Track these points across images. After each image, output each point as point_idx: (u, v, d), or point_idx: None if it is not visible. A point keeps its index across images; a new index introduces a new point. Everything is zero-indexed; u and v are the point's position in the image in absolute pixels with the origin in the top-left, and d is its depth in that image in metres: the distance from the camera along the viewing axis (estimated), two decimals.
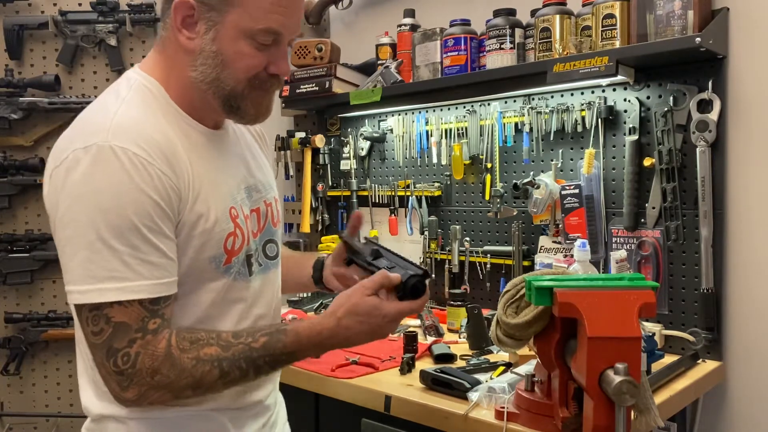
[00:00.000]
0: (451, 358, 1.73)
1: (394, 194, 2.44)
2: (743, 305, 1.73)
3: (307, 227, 2.64)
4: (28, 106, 2.50)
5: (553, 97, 2.03)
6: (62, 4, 2.57)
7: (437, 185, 2.34)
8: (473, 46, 2.09)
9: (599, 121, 1.91)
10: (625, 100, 1.88)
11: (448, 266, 2.26)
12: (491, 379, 1.51)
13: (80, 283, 0.93)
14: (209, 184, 1.04)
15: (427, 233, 2.34)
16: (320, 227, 2.66)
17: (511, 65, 1.97)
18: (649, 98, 1.84)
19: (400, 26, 2.34)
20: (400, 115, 2.43)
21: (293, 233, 2.75)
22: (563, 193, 1.96)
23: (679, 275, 1.81)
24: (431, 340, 1.89)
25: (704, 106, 1.74)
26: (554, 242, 2.02)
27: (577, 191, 1.94)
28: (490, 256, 2.17)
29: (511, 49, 1.97)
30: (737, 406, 1.75)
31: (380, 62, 2.35)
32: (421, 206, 2.37)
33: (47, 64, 2.59)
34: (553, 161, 2.02)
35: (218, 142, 1.12)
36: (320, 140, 2.59)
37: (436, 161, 2.32)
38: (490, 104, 2.18)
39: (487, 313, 1.90)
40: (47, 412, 2.64)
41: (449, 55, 2.10)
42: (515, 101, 2.12)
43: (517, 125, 2.11)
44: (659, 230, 1.82)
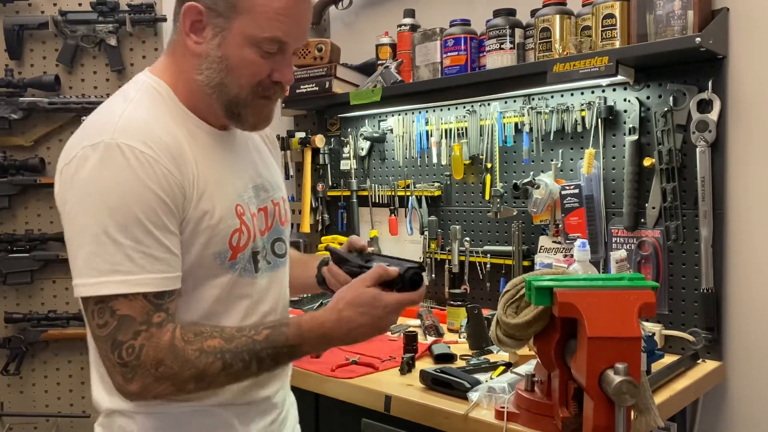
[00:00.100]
0: (451, 358, 1.73)
1: (394, 194, 2.44)
2: (743, 305, 1.73)
3: (307, 227, 2.64)
4: (28, 106, 2.50)
5: (553, 97, 2.03)
6: (62, 4, 2.57)
7: (437, 185, 2.34)
8: (473, 46, 2.09)
9: (599, 121, 1.91)
10: (625, 100, 1.88)
11: (448, 266, 2.26)
12: (491, 379, 1.51)
13: (86, 276, 0.95)
14: (215, 182, 1.06)
15: (427, 233, 2.34)
16: (320, 227, 2.67)
17: (511, 65, 1.97)
18: (649, 98, 1.84)
19: (400, 26, 2.34)
20: (400, 115, 2.43)
21: (293, 233, 2.75)
22: (563, 193, 1.96)
23: (679, 275, 1.81)
24: (431, 340, 1.89)
25: (704, 106, 1.74)
26: (554, 242, 2.02)
27: (577, 191, 1.94)
28: (490, 256, 2.17)
29: (511, 49, 1.97)
30: (737, 406, 1.76)
31: (380, 62, 2.35)
32: (421, 206, 2.37)
33: (47, 64, 2.59)
34: (553, 161, 2.02)
35: (225, 142, 1.13)
36: (320, 140, 2.59)
37: (436, 161, 2.32)
38: (490, 104, 2.18)
39: (487, 313, 1.90)
40: (47, 412, 2.64)
41: (449, 55, 2.10)
42: (515, 101, 2.12)
43: (517, 125, 2.11)
44: (659, 230, 1.82)
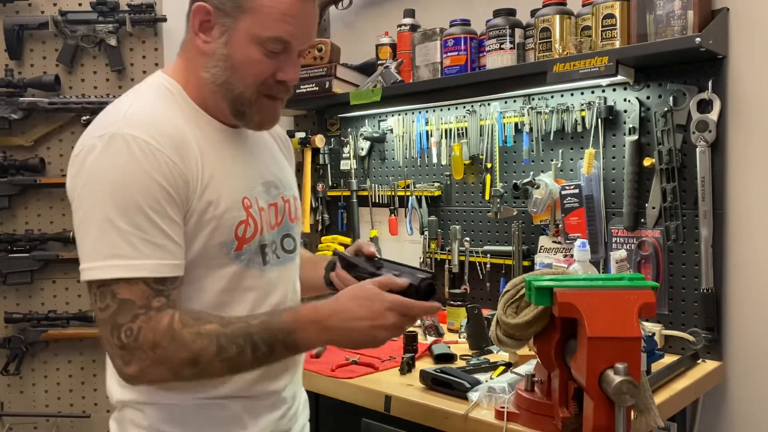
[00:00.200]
0: (451, 358, 1.73)
1: (394, 194, 2.44)
2: (743, 305, 1.73)
3: (307, 227, 2.64)
4: (28, 106, 2.50)
5: (553, 97, 2.03)
6: (62, 4, 2.57)
7: (437, 185, 2.34)
8: (473, 46, 2.09)
9: (599, 121, 1.91)
10: (625, 100, 1.88)
11: (448, 266, 2.26)
12: (491, 379, 1.51)
13: (89, 260, 0.98)
14: (221, 174, 1.08)
15: (427, 233, 2.34)
16: (320, 227, 2.67)
17: (511, 65, 1.97)
18: (649, 98, 1.84)
19: (400, 26, 2.34)
20: (400, 115, 2.43)
21: None
22: (563, 193, 1.96)
23: (679, 275, 1.81)
24: (431, 340, 1.89)
25: (704, 106, 1.74)
26: (554, 242, 2.02)
27: (577, 191, 1.94)
28: (490, 256, 2.17)
29: (511, 49, 1.97)
30: (737, 406, 1.76)
31: (380, 62, 2.35)
32: (421, 206, 2.37)
33: (47, 64, 2.59)
34: (553, 161, 2.02)
35: (235, 139, 1.16)
36: (320, 140, 2.59)
37: (436, 161, 2.32)
38: (490, 104, 2.18)
39: (487, 313, 1.90)
40: (47, 412, 2.64)
41: (449, 55, 2.10)
42: (515, 101, 2.12)
43: (517, 125, 2.11)
44: (659, 230, 1.82)
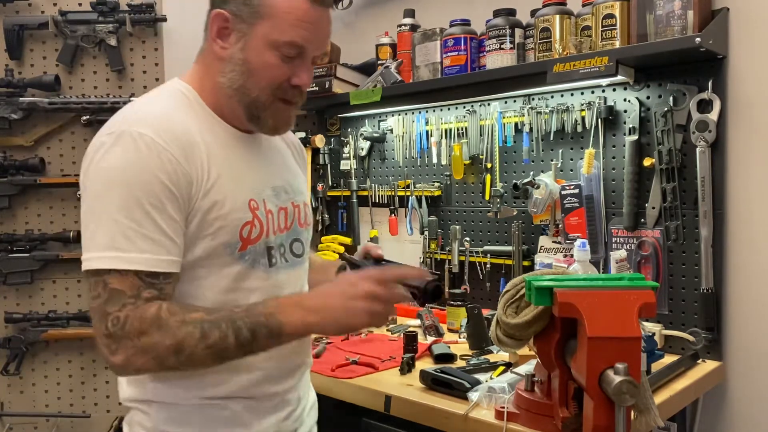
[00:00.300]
0: (451, 358, 1.73)
1: (394, 194, 2.44)
2: (743, 305, 1.73)
3: None
4: (28, 106, 2.50)
5: (553, 97, 2.03)
6: (62, 4, 2.57)
7: (437, 185, 2.34)
8: (473, 46, 2.08)
9: (599, 121, 1.91)
10: (625, 100, 1.88)
11: (448, 266, 2.26)
12: (491, 379, 1.51)
13: (88, 251, 1.01)
14: (229, 176, 1.10)
15: (427, 233, 2.34)
16: (320, 227, 2.67)
17: (511, 65, 1.97)
18: (649, 98, 1.84)
19: (400, 26, 2.34)
20: (400, 115, 2.43)
21: None
22: (563, 193, 1.96)
23: (679, 275, 1.81)
24: (431, 340, 1.89)
25: (704, 106, 1.74)
26: (554, 242, 2.02)
27: (577, 191, 1.94)
28: (490, 256, 2.17)
29: (511, 49, 1.97)
30: (737, 406, 1.76)
31: (380, 62, 2.35)
32: (421, 206, 2.37)
33: (47, 64, 2.59)
34: (553, 161, 2.02)
35: (248, 144, 1.19)
36: (320, 140, 2.59)
37: (436, 161, 2.32)
38: (490, 104, 2.18)
39: (487, 313, 1.90)
40: (47, 412, 2.64)
41: (449, 55, 2.10)
42: (515, 101, 2.12)
43: (517, 125, 2.11)
44: (659, 230, 1.82)
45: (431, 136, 2.33)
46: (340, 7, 1.21)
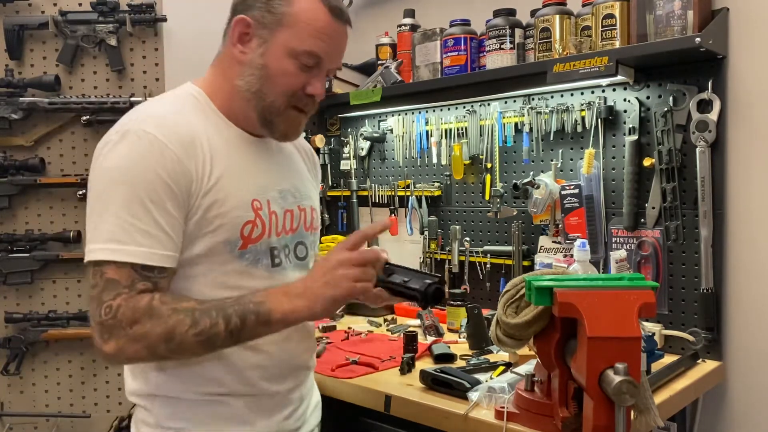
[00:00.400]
0: (451, 358, 1.73)
1: (394, 194, 2.44)
2: (743, 305, 1.73)
3: None
4: (28, 106, 2.50)
5: (553, 97, 2.03)
6: (62, 4, 2.57)
7: (437, 185, 2.34)
8: (473, 46, 2.09)
9: (599, 121, 1.91)
10: (624, 100, 1.88)
11: (448, 266, 2.26)
12: (491, 379, 1.51)
13: (89, 243, 1.05)
14: (232, 175, 1.13)
15: (427, 233, 2.34)
16: (320, 227, 2.66)
17: (511, 65, 1.97)
18: (649, 98, 1.84)
19: (400, 26, 2.34)
20: (400, 115, 2.43)
21: None
22: (563, 193, 1.96)
23: (679, 275, 1.81)
24: (431, 340, 1.89)
25: (704, 106, 1.74)
26: (554, 242, 2.02)
27: (577, 191, 1.94)
28: (490, 256, 2.17)
29: (511, 49, 1.97)
30: (737, 406, 1.76)
31: (380, 62, 2.35)
32: (421, 206, 2.37)
33: (47, 64, 2.58)
34: (553, 161, 2.02)
35: (257, 146, 1.22)
36: (320, 140, 2.59)
37: (436, 161, 2.32)
38: (490, 104, 2.18)
39: (487, 313, 1.90)
40: (47, 412, 2.63)
41: (449, 55, 2.10)
42: (515, 101, 2.12)
43: (517, 125, 2.11)
44: (659, 230, 1.82)
45: (431, 136, 2.33)
46: None
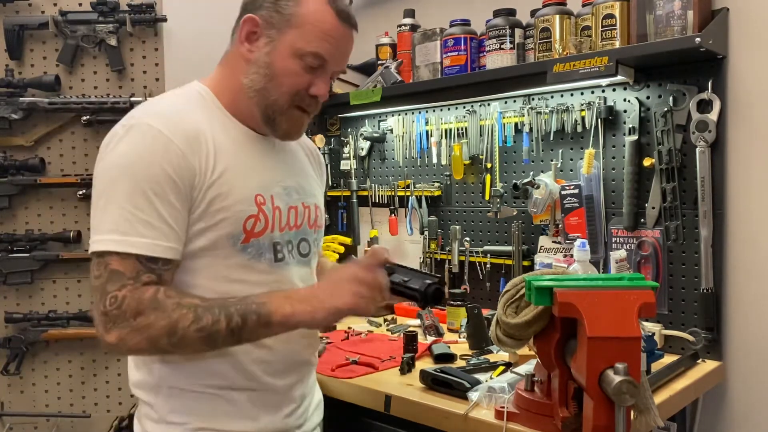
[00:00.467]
0: (451, 358, 1.73)
1: (394, 194, 2.44)
2: (743, 305, 1.73)
3: None
4: (28, 106, 2.50)
5: (552, 97, 2.03)
6: (62, 4, 2.57)
7: (437, 185, 2.34)
8: (473, 46, 2.09)
9: (599, 121, 1.91)
10: (624, 100, 1.88)
11: (448, 266, 2.26)
12: (491, 378, 1.51)
13: (93, 234, 1.07)
14: (236, 170, 1.14)
15: (427, 233, 2.34)
16: None
17: (511, 65, 1.97)
18: (648, 98, 1.84)
19: (400, 26, 2.34)
20: (400, 115, 2.43)
21: None
22: (563, 193, 1.96)
23: (678, 275, 1.81)
24: (431, 339, 1.89)
25: (704, 106, 1.74)
26: (554, 242, 2.02)
27: (576, 191, 1.94)
28: (490, 256, 2.17)
29: (511, 49, 1.97)
30: (737, 405, 1.76)
31: (380, 62, 2.35)
32: (421, 206, 2.37)
33: (47, 64, 2.59)
34: (553, 161, 2.02)
35: (261, 144, 1.23)
36: (320, 140, 2.59)
37: (436, 161, 2.32)
38: (490, 104, 2.18)
39: (487, 313, 1.90)
40: (47, 412, 2.63)
41: (449, 55, 2.10)
42: (515, 101, 2.12)
43: (517, 125, 2.11)
44: (659, 230, 1.82)
45: (431, 136, 2.33)
46: None
